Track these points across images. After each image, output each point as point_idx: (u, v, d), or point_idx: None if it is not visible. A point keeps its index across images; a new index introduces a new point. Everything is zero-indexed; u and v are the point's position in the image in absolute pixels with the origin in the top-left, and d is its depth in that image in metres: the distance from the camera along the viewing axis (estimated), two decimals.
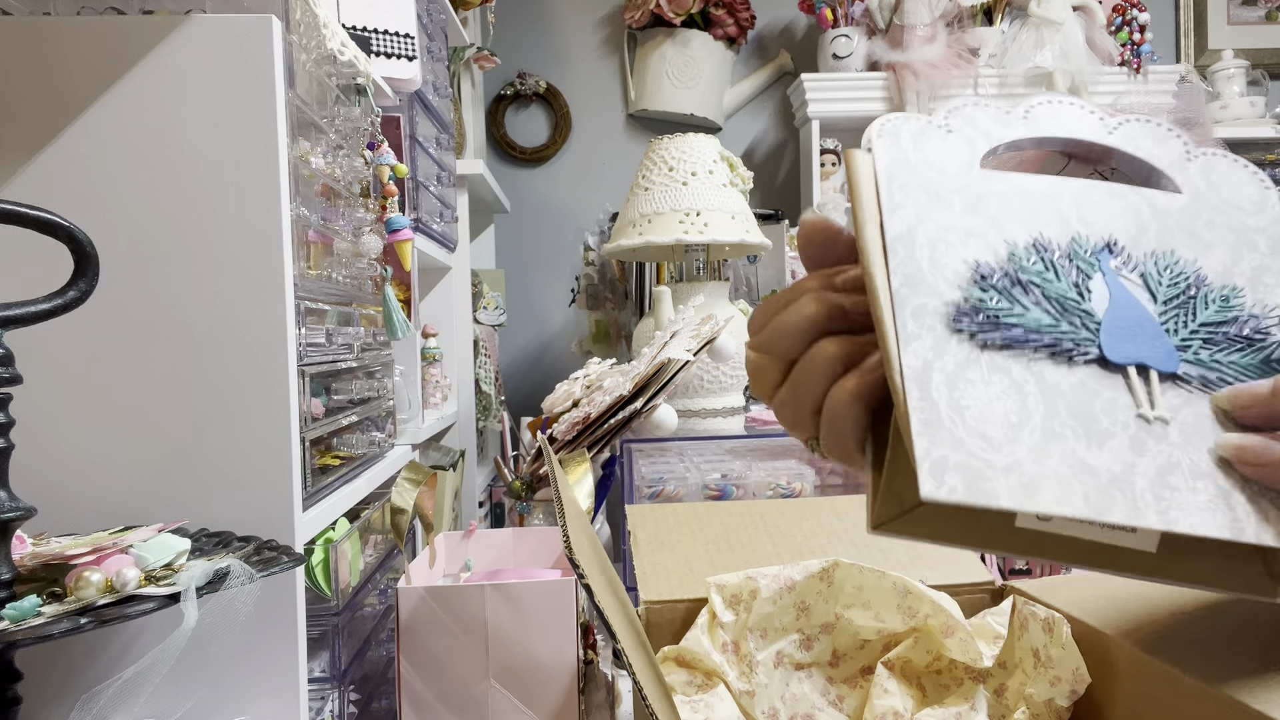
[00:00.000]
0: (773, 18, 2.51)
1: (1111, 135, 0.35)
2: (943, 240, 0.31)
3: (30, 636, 0.49)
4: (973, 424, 0.29)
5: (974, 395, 0.29)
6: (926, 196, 0.32)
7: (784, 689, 0.61)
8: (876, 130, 0.34)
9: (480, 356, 1.86)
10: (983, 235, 0.32)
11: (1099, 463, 0.28)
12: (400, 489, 0.89)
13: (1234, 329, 0.32)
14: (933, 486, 0.27)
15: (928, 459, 0.28)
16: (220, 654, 0.68)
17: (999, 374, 0.29)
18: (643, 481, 1.24)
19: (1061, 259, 0.32)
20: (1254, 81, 2.35)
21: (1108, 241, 0.33)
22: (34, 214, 0.54)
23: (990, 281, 0.31)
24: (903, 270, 0.31)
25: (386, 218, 0.99)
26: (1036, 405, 0.29)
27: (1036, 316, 0.30)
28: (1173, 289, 0.32)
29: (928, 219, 0.32)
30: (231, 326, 0.69)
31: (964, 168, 0.33)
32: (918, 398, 0.29)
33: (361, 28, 1.07)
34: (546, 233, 2.50)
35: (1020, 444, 0.28)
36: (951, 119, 0.34)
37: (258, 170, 0.70)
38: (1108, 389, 0.30)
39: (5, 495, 0.54)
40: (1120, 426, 0.29)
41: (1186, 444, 0.29)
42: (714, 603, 0.63)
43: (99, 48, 0.68)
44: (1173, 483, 0.29)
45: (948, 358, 0.30)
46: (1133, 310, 0.31)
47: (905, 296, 0.30)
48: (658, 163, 1.59)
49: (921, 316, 0.30)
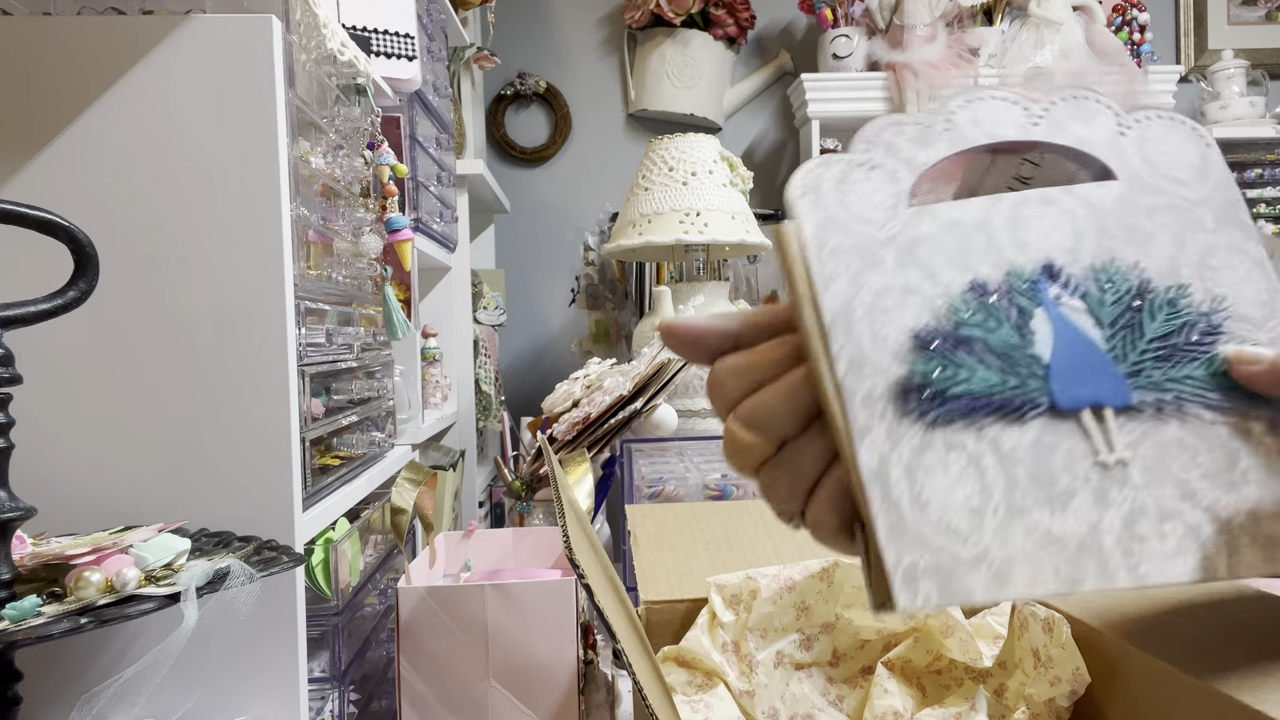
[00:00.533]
0: (773, 18, 2.51)
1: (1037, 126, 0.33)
2: (880, 308, 0.31)
3: (30, 636, 0.49)
4: (936, 518, 0.28)
5: (934, 485, 0.29)
6: (858, 259, 0.31)
7: (784, 689, 0.61)
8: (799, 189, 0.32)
9: (480, 356, 1.86)
10: (919, 290, 0.31)
11: (1065, 529, 0.28)
12: (400, 489, 0.89)
13: (1184, 337, 0.31)
14: (908, 598, 0.28)
15: (899, 568, 0.28)
16: (220, 654, 0.68)
17: (955, 452, 0.29)
18: (643, 481, 1.24)
19: (1000, 300, 0.31)
20: (1254, 81, 2.35)
21: (1045, 264, 0.31)
22: (34, 214, 0.54)
23: (932, 348, 0.30)
24: (846, 354, 0.30)
25: (386, 218, 0.99)
26: (996, 479, 0.29)
27: (983, 378, 0.30)
28: (1117, 307, 0.31)
29: (863, 285, 0.31)
30: (231, 326, 0.69)
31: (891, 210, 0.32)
32: (880, 501, 0.29)
33: (361, 28, 1.07)
34: (546, 233, 2.50)
35: (985, 529, 0.28)
36: (872, 152, 0.33)
37: (258, 170, 0.70)
38: (1065, 438, 0.29)
39: (5, 495, 0.54)
40: (1081, 481, 0.29)
41: (1150, 482, 0.29)
42: (714, 603, 0.63)
43: (99, 48, 0.68)
44: (1140, 531, 0.28)
45: (903, 446, 0.29)
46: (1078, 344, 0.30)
47: (853, 384, 0.30)
48: (658, 163, 1.59)
49: (871, 404, 0.29)
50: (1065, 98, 0.33)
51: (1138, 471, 0.29)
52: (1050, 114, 0.33)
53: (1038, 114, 0.33)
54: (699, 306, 1.43)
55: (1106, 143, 0.33)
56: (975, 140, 0.33)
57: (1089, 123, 0.33)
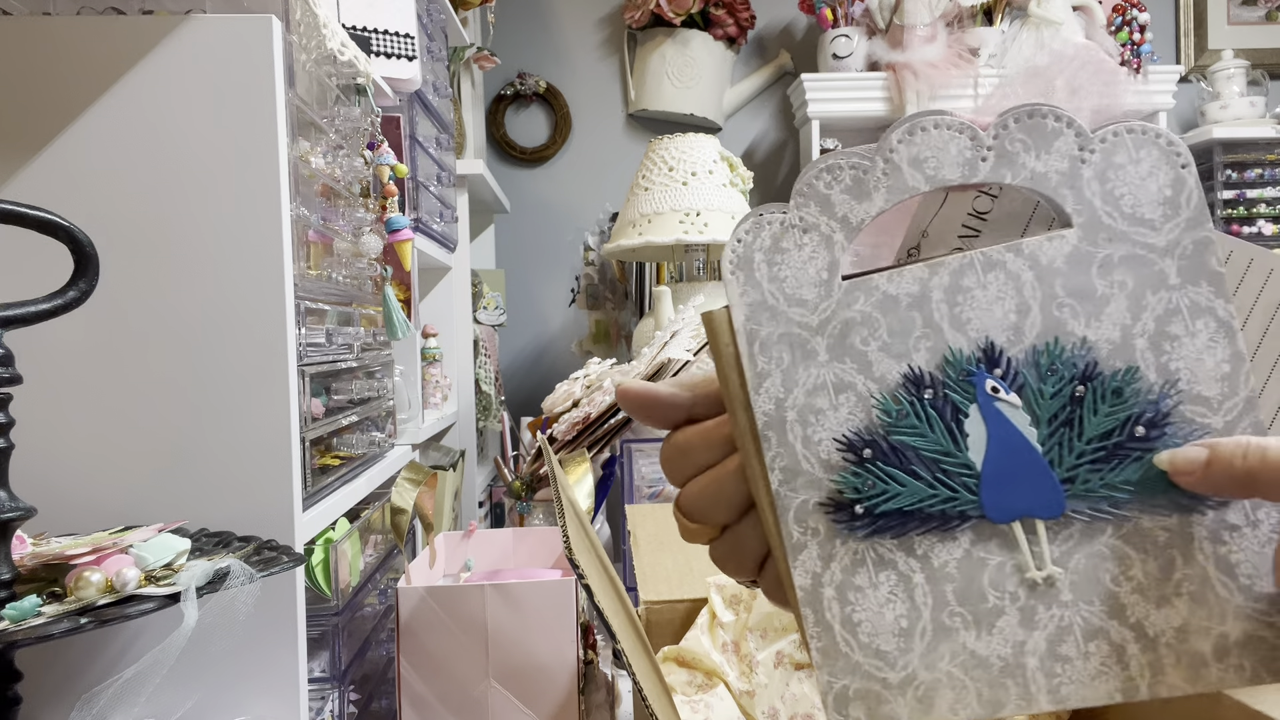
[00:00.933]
0: (773, 18, 2.51)
1: (985, 161, 0.29)
2: (812, 410, 0.30)
3: (30, 636, 0.49)
4: (866, 641, 0.29)
5: (864, 605, 0.29)
6: (791, 352, 0.30)
7: (784, 689, 0.61)
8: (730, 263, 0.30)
9: (480, 356, 1.86)
10: (852, 386, 0.30)
11: (990, 650, 0.28)
12: (400, 489, 0.89)
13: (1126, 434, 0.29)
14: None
15: (830, 692, 0.29)
16: (220, 654, 0.68)
17: (886, 570, 0.29)
18: (643, 481, 1.24)
19: (934, 398, 0.29)
20: (1254, 81, 2.36)
21: (985, 347, 0.29)
22: (34, 214, 0.54)
23: (862, 459, 0.29)
24: (779, 464, 0.30)
25: (386, 218, 0.99)
26: (925, 600, 0.29)
27: (913, 490, 0.29)
28: (1057, 401, 0.29)
29: (795, 383, 0.30)
30: (231, 326, 0.69)
31: (825, 286, 0.30)
32: (813, 623, 0.29)
33: (361, 28, 1.07)
34: (546, 233, 2.50)
35: (913, 652, 0.29)
36: (805, 209, 0.30)
37: (258, 170, 0.70)
38: (995, 553, 0.29)
39: (5, 495, 0.54)
40: (1009, 599, 0.29)
41: (1078, 599, 0.28)
42: (714, 603, 0.63)
43: (99, 48, 0.68)
44: (1063, 652, 0.28)
45: (835, 565, 0.29)
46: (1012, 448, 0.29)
47: (787, 498, 0.29)
48: (658, 163, 1.59)
49: (804, 519, 0.29)
50: (1019, 118, 0.30)
51: (1066, 587, 0.28)
52: (1000, 143, 0.29)
53: (986, 144, 0.30)
54: (699, 306, 1.43)
55: (1063, 176, 0.29)
56: (916, 186, 0.30)
57: (1045, 149, 0.29)
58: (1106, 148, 0.29)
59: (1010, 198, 0.34)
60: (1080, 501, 0.29)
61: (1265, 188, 2.29)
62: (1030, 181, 0.29)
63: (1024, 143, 0.29)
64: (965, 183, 0.30)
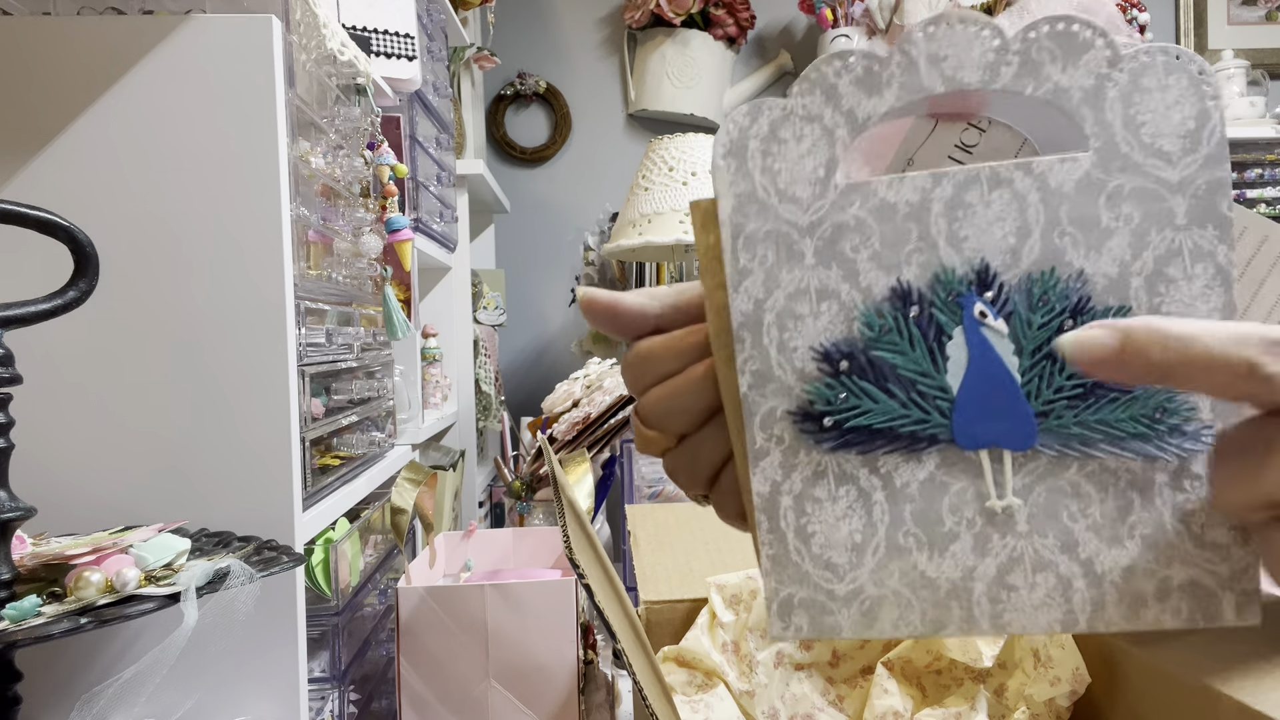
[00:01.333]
0: (773, 18, 2.51)
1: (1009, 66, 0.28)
2: (791, 314, 0.29)
3: (30, 636, 0.49)
4: (818, 553, 0.29)
5: (821, 518, 0.29)
6: (776, 251, 0.29)
7: (784, 689, 0.61)
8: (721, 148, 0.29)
9: (480, 356, 1.86)
10: (836, 294, 0.29)
11: (939, 573, 0.28)
12: (400, 489, 0.89)
13: None
14: (780, 629, 0.29)
15: (776, 599, 0.29)
16: (220, 654, 0.68)
17: (846, 484, 0.29)
18: (643, 481, 1.24)
19: (919, 316, 0.28)
20: (1254, 81, 2.36)
21: (979, 268, 0.28)
22: (34, 214, 0.54)
23: (838, 370, 0.29)
24: (750, 367, 0.29)
25: (386, 218, 0.99)
26: (882, 517, 0.29)
27: (885, 408, 0.29)
28: (1043, 333, 0.28)
29: (776, 284, 0.29)
30: (231, 326, 0.70)
31: (820, 185, 0.29)
32: (766, 530, 0.29)
33: (361, 28, 1.07)
34: (546, 233, 2.50)
35: (863, 567, 0.29)
36: (810, 96, 0.29)
37: (258, 170, 0.70)
38: (958, 478, 0.29)
39: (5, 495, 0.54)
40: (965, 525, 0.28)
41: (1033, 531, 0.28)
42: (714, 603, 0.63)
43: (99, 48, 0.68)
44: (1011, 581, 0.28)
45: (795, 475, 0.29)
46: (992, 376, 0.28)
47: (754, 402, 0.29)
48: (658, 163, 1.59)
49: (770, 425, 0.29)
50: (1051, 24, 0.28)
51: (1023, 519, 0.28)
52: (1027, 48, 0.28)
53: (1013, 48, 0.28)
54: None
55: (1086, 93, 0.28)
56: (932, 87, 0.28)
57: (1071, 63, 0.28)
58: (1136, 68, 0.28)
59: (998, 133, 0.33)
60: (1051, 437, 0.28)
61: (1265, 188, 2.29)
62: (1052, 95, 0.28)
63: (1051, 52, 0.28)
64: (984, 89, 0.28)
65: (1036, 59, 0.28)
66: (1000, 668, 0.58)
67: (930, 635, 0.28)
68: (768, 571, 0.29)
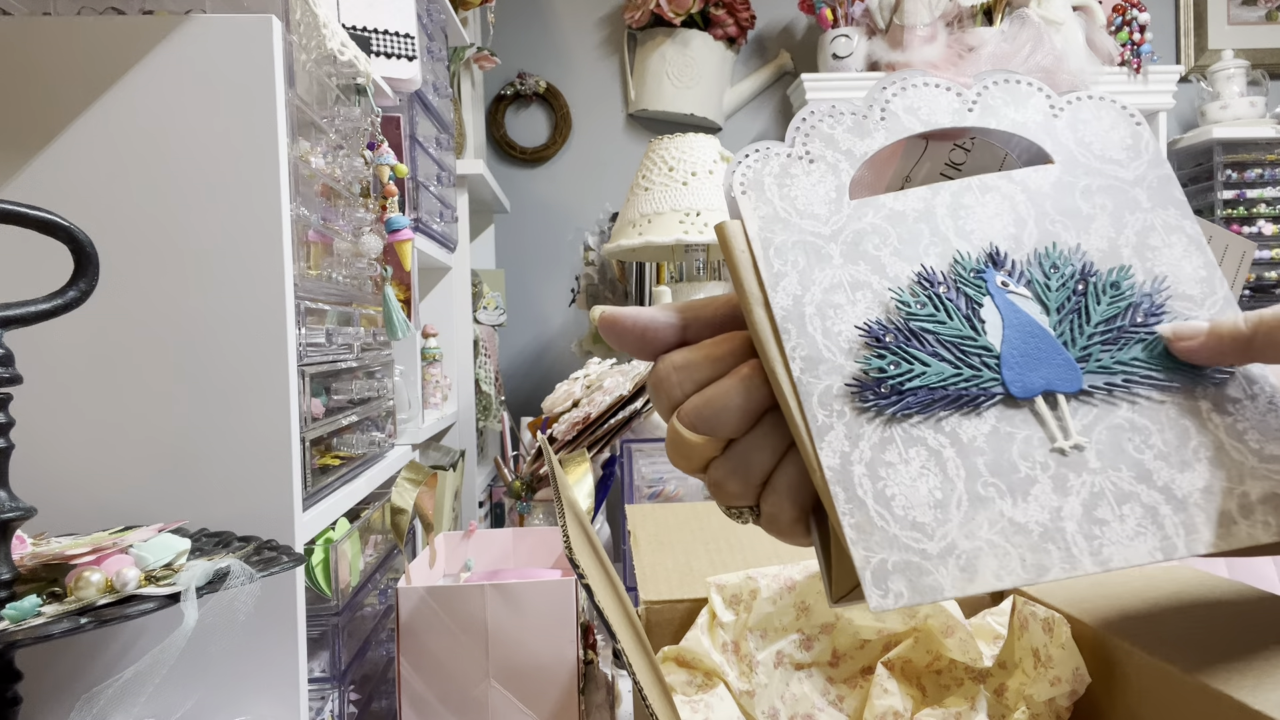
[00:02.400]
0: (773, 18, 2.51)
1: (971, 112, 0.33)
2: (830, 304, 0.31)
3: (30, 636, 0.49)
4: (901, 514, 0.29)
5: (896, 480, 0.29)
6: (806, 256, 0.32)
7: (784, 689, 0.61)
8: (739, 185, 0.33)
9: (480, 356, 1.86)
10: (868, 284, 0.31)
11: (1028, 517, 0.29)
12: (400, 489, 0.89)
13: (1129, 319, 0.31)
14: (879, 598, 0.28)
15: (868, 568, 0.28)
16: (220, 654, 0.68)
17: (915, 447, 0.29)
18: (643, 481, 1.24)
19: (948, 292, 0.31)
20: (1254, 81, 2.36)
21: (990, 252, 0.32)
22: (34, 214, 0.54)
23: (884, 343, 0.30)
24: (800, 354, 0.30)
25: (386, 218, 0.99)
26: (957, 472, 0.29)
27: (937, 370, 0.30)
28: (1063, 292, 0.31)
29: (812, 282, 0.31)
30: (231, 326, 0.70)
31: (834, 204, 0.32)
32: (844, 500, 0.29)
33: (361, 28, 1.07)
34: (546, 233, 2.50)
35: (950, 522, 0.29)
36: (810, 143, 0.33)
37: (258, 170, 0.70)
38: (1021, 427, 0.30)
39: (5, 495, 0.54)
40: (1040, 468, 0.29)
41: (1106, 466, 0.29)
42: (714, 603, 0.63)
43: (99, 48, 0.68)
44: (1100, 515, 0.29)
45: (863, 444, 0.29)
46: (1028, 331, 0.31)
47: (809, 384, 0.30)
48: (658, 163, 1.59)
49: (829, 403, 0.30)
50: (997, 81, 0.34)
51: (1093, 456, 0.29)
52: (983, 99, 0.33)
53: (971, 99, 0.33)
54: None
55: (1040, 125, 0.33)
56: (912, 129, 0.33)
57: (1021, 106, 0.33)
58: (1072, 108, 0.34)
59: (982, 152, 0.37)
60: (1095, 377, 0.30)
61: (1265, 188, 2.29)
62: (1013, 127, 0.33)
63: (1003, 99, 0.34)
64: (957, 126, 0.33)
65: (992, 104, 0.34)
66: (1000, 668, 0.58)
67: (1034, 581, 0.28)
68: (854, 541, 0.29)
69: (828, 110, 0.34)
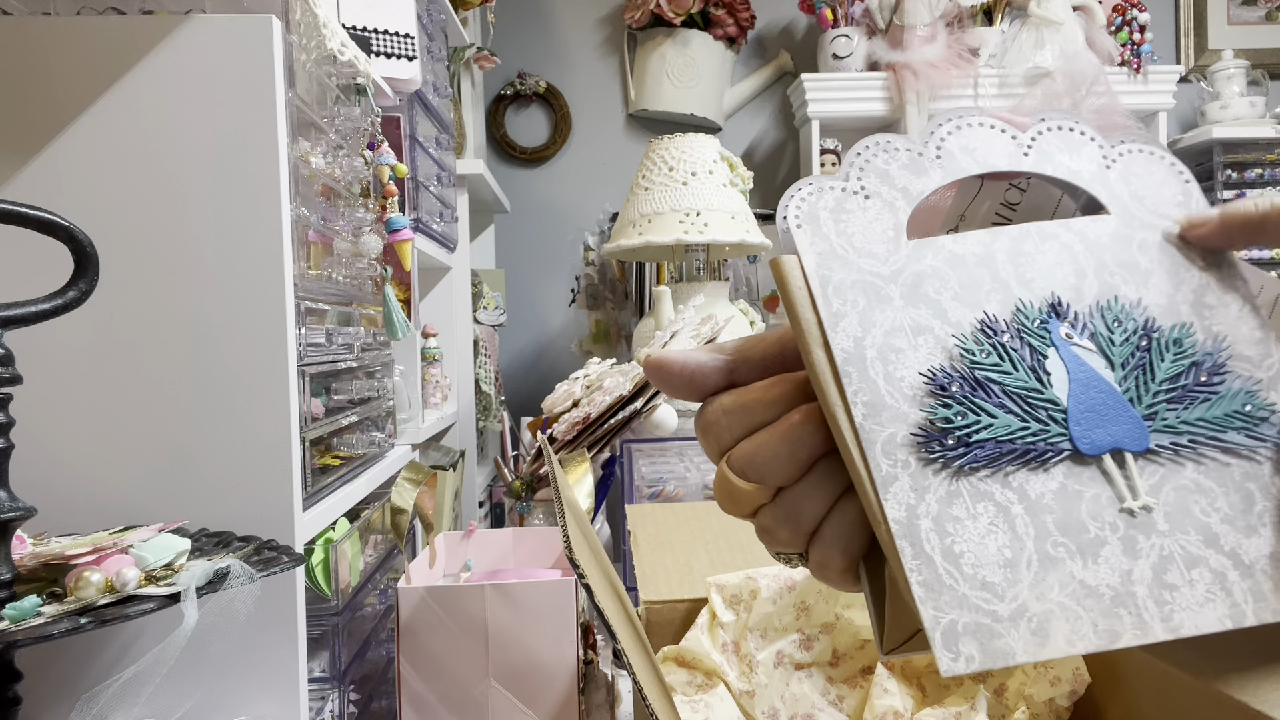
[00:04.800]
0: (773, 18, 2.51)
1: (1027, 156, 0.33)
2: (892, 349, 0.30)
3: (30, 636, 0.49)
4: (970, 573, 0.28)
5: (965, 537, 0.28)
6: (865, 296, 0.31)
7: (784, 689, 0.61)
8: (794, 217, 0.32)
9: (480, 356, 1.86)
10: (930, 329, 0.30)
11: (1098, 580, 0.28)
12: (400, 489, 0.89)
13: (1192, 378, 0.30)
14: (950, 660, 0.27)
15: (938, 629, 0.27)
16: (220, 654, 0.68)
17: (983, 501, 0.29)
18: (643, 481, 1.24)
19: (1012, 340, 0.30)
20: (1254, 81, 2.35)
21: (1052, 303, 0.31)
22: (34, 214, 0.54)
23: (949, 392, 0.29)
24: (862, 399, 0.29)
25: (386, 218, 0.99)
26: (1026, 530, 0.28)
27: (1005, 422, 0.29)
28: (1126, 348, 0.31)
29: (872, 324, 0.30)
30: (231, 326, 0.69)
31: (893, 243, 0.32)
32: (911, 556, 0.28)
33: (361, 28, 1.07)
34: (546, 233, 2.50)
35: (1020, 583, 0.28)
36: (865, 179, 0.32)
37: (258, 170, 0.70)
38: (1089, 485, 0.29)
39: (5, 495, 0.54)
40: (1109, 529, 0.28)
41: (1174, 529, 0.29)
42: (714, 603, 0.63)
43: (99, 48, 0.68)
44: (1170, 580, 0.28)
45: (930, 497, 0.28)
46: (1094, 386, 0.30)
47: (872, 431, 0.29)
48: (658, 163, 1.59)
49: (892, 452, 0.29)
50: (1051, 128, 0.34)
51: (1161, 517, 0.29)
52: (1038, 144, 0.33)
53: (1026, 144, 0.33)
54: (699, 306, 1.43)
55: (1094, 175, 0.33)
56: (968, 169, 0.32)
57: (1076, 154, 0.33)
58: (1124, 160, 0.33)
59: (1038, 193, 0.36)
60: (1162, 436, 0.29)
61: (1265, 188, 2.29)
62: (1068, 175, 0.33)
63: (1058, 146, 0.33)
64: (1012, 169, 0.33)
65: (1047, 149, 0.33)
66: None
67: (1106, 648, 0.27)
68: (922, 600, 0.27)
69: (883, 145, 0.33)
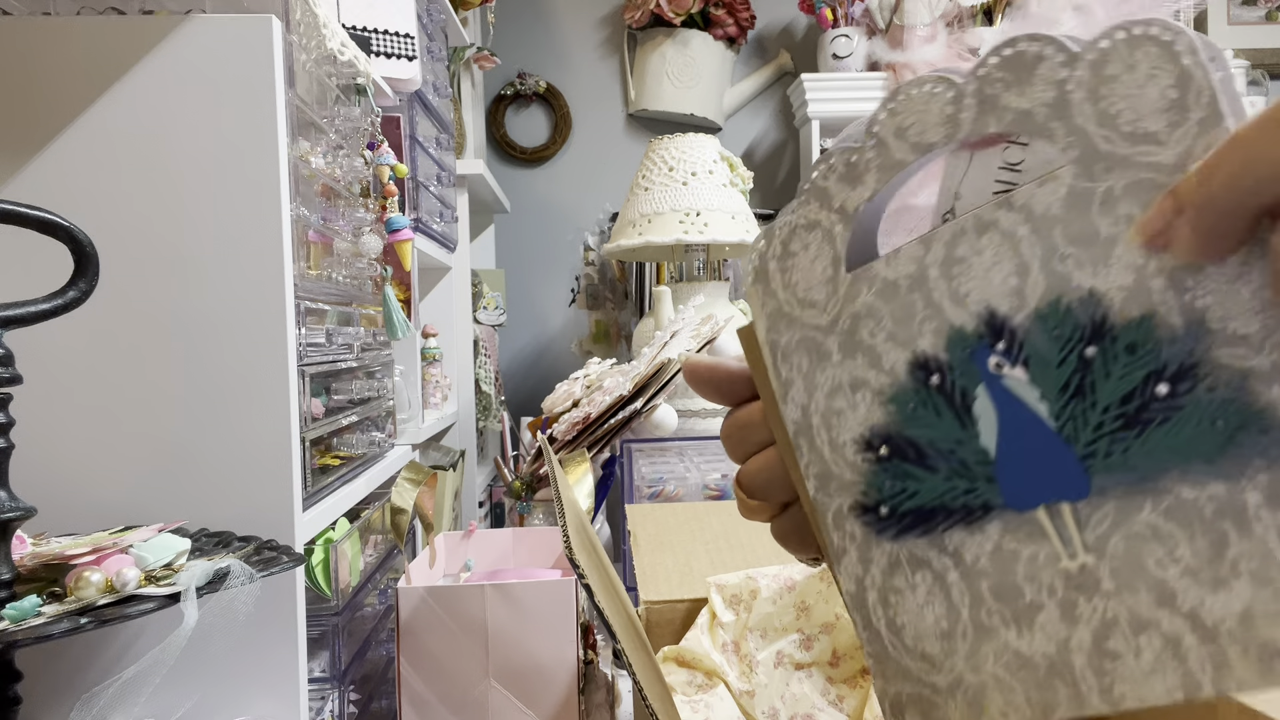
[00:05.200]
0: (773, 18, 2.51)
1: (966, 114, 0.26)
2: (834, 411, 0.29)
3: (30, 636, 0.49)
4: (911, 645, 0.28)
5: (905, 609, 0.28)
6: (808, 357, 0.29)
7: (784, 689, 0.61)
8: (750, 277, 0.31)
9: (480, 356, 1.86)
10: (865, 383, 0.29)
11: (1033, 649, 0.26)
12: (400, 489, 0.89)
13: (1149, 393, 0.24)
14: None
15: (886, 699, 0.28)
16: (220, 654, 0.68)
17: (921, 570, 0.28)
18: (643, 481, 1.24)
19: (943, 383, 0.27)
20: (1254, 81, 2.36)
21: (988, 319, 0.26)
22: (34, 214, 0.54)
23: (879, 456, 0.28)
24: (813, 471, 0.29)
25: (386, 218, 0.99)
26: (961, 598, 0.27)
27: (933, 484, 0.28)
28: (1065, 369, 0.25)
29: (815, 387, 0.29)
30: (231, 326, 0.70)
31: (831, 283, 0.29)
32: (861, 628, 0.29)
33: (361, 28, 1.07)
34: (546, 233, 2.50)
35: (956, 654, 0.27)
36: (808, 205, 0.30)
37: (258, 170, 0.70)
38: (1026, 543, 0.26)
39: (5, 495, 0.54)
40: (1046, 592, 0.26)
41: (1121, 587, 0.24)
42: (714, 603, 0.63)
43: (99, 48, 0.68)
44: (1111, 648, 0.25)
45: (874, 569, 0.29)
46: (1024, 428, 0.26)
47: (823, 504, 0.29)
48: (658, 163, 1.59)
49: (841, 523, 0.29)
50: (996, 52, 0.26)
51: (1107, 575, 0.25)
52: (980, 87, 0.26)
53: (969, 93, 0.26)
54: (699, 306, 1.43)
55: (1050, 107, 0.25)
56: (903, 160, 0.28)
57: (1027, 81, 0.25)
58: (1095, 59, 0.24)
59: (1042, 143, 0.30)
60: (1107, 477, 0.24)
61: None
62: (1016, 124, 0.26)
63: (1004, 80, 0.26)
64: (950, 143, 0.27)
65: (991, 94, 0.26)
66: None
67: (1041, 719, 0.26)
68: (874, 671, 0.28)
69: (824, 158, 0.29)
